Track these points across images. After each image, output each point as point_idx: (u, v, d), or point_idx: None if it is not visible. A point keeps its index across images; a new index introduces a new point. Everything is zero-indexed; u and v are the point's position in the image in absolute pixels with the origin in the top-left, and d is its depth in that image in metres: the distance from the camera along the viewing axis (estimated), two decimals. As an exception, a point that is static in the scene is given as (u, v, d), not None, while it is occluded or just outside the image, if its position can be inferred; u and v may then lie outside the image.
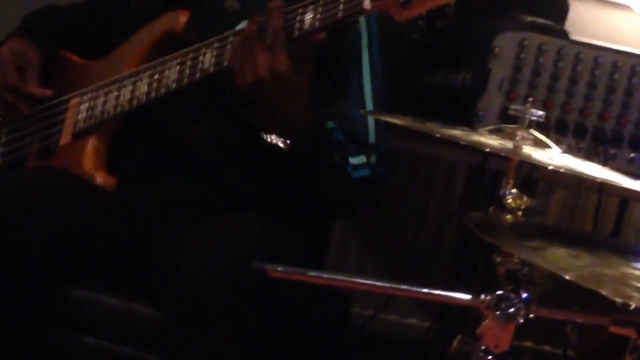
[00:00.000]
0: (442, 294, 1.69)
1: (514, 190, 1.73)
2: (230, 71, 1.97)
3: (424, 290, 1.69)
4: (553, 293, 1.70)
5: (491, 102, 2.46)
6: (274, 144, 1.96)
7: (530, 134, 1.78)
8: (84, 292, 2.04)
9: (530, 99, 1.83)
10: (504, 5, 2.59)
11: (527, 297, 1.63)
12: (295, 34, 1.91)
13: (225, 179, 2.11)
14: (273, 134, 1.96)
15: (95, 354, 2.03)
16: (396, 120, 1.82)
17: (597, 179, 1.77)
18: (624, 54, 2.51)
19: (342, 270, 3.23)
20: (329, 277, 1.79)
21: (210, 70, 2.02)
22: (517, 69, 2.46)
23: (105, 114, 2.18)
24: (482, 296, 1.64)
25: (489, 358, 1.65)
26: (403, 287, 1.72)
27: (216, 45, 2.01)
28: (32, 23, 2.37)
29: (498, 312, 1.62)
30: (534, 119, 1.77)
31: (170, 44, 2.14)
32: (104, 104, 2.18)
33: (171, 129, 2.16)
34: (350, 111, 2.09)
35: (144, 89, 2.12)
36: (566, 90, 2.48)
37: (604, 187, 2.72)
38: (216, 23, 2.03)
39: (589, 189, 3.00)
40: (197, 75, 2.04)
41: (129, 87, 2.15)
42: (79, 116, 2.22)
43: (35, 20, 2.38)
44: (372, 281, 1.76)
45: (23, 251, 1.96)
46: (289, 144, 1.95)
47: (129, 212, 2.12)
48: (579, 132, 2.49)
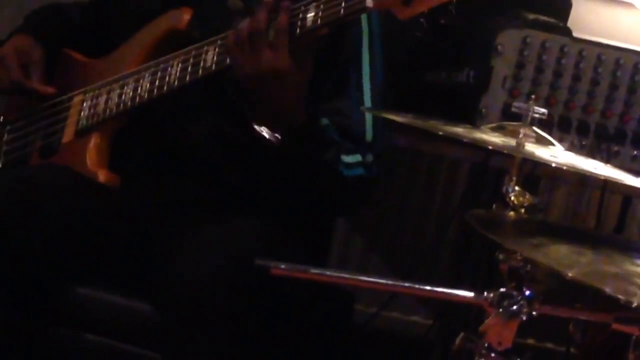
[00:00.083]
0: (444, 292, 1.69)
1: (516, 188, 1.73)
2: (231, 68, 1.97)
3: (427, 288, 1.69)
4: (556, 290, 1.69)
5: (494, 99, 2.46)
6: (263, 136, 1.96)
7: (533, 132, 1.78)
8: (86, 289, 2.04)
9: (533, 97, 1.83)
10: (506, 2, 2.59)
11: (530, 294, 1.63)
12: (297, 31, 1.91)
13: (227, 179, 2.11)
14: (264, 127, 1.97)
15: (96, 352, 2.04)
16: (399, 118, 1.82)
17: (600, 176, 1.77)
18: (627, 51, 2.51)
19: (344, 268, 3.23)
20: (332, 275, 1.79)
21: (213, 69, 2.02)
22: (520, 66, 2.45)
23: (107, 112, 2.18)
24: (485, 293, 1.64)
25: (492, 355, 1.65)
26: (406, 284, 1.72)
27: (219, 44, 2.01)
28: (35, 21, 2.37)
29: (501, 310, 1.62)
30: (536, 116, 1.77)
31: (173, 42, 2.14)
32: (106, 102, 2.18)
33: (173, 128, 2.16)
34: (348, 109, 2.08)
35: (147, 87, 2.12)
36: (569, 88, 2.48)
37: (606, 185, 2.72)
38: (219, 21, 2.03)
39: (591, 187, 3.00)
40: (200, 74, 2.04)
41: (132, 85, 2.14)
42: (81, 114, 2.22)
43: (38, 18, 2.38)
44: (375, 279, 1.75)
45: (25, 249, 1.96)
46: (278, 138, 1.96)
47: (131, 211, 2.12)
48: (582, 130, 2.48)
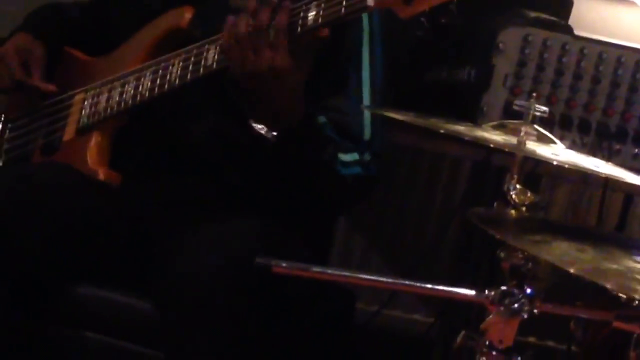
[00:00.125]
0: (446, 290, 1.69)
1: (518, 186, 1.73)
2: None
3: (428, 286, 1.69)
4: (557, 289, 1.69)
5: (495, 97, 2.46)
6: (260, 133, 1.96)
7: (535, 130, 1.78)
8: (86, 288, 2.04)
9: (534, 95, 1.83)
10: (507, 1, 2.59)
11: (531, 292, 1.63)
12: (298, 30, 1.91)
13: (227, 178, 2.11)
14: (262, 126, 1.97)
15: (97, 350, 2.04)
16: (400, 116, 1.82)
17: (602, 174, 1.77)
18: (628, 49, 2.51)
19: (346, 267, 3.23)
20: (333, 273, 1.79)
21: (214, 67, 2.02)
22: (521, 64, 2.46)
23: (108, 110, 2.18)
24: (486, 292, 1.64)
25: (493, 353, 1.65)
26: (407, 282, 1.72)
27: (220, 42, 2.01)
28: (35, 20, 2.37)
29: (502, 308, 1.62)
30: (538, 114, 1.77)
31: (174, 40, 2.14)
32: (107, 100, 2.18)
33: (174, 126, 2.16)
34: (347, 107, 2.08)
35: (148, 85, 2.12)
36: (570, 86, 2.48)
37: (608, 183, 2.72)
38: (221, 20, 2.03)
39: (593, 185, 3.00)
40: (201, 72, 2.04)
41: (133, 84, 2.14)
42: (82, 112, 2.22)
43: (38, 18, 2.38)
44: (376, 277, 1.75)
45: (25, 248, 1.96)
46: (275, 136, 1.96)
47: (131, 209, 2.12)
48: (583, 128, 2.49)
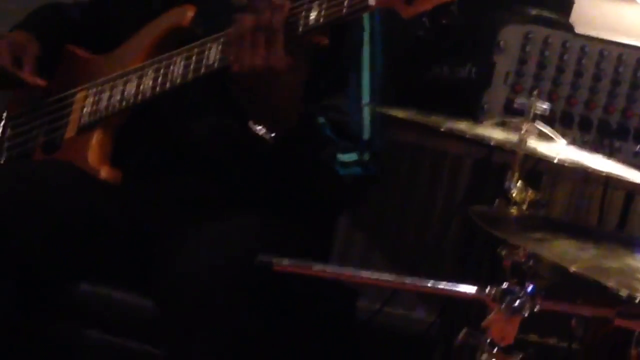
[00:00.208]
0: (447, 287, 1.69)
1: (519, 183, 1.73)
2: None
3: (430, 284, 1.70)
4: (558, 286, 1.70)
5: (496, 95, 2.46)
6: (259, 134, 1.96)
7: (536, 127, 1.78)
8: (88, 286, 2.05)
9: (535, 92, 1.83)
10: (508, -2, 2.59)
11: (532, 290, 1.63)
12: (300, 29, 1.91)
13: (229, 176, 2.11)
14: (260, 125, 1.97)
15: (98, 348, 2.04)
16: (401, 114, 1.82)
17: (603, 172, 1.77)
18: (629, 47, 2.51)
19: (347, 264, 3.23)
20: (334, 271, 1.79)
21: (215, 66, 2.02)
22: (522, 62, 2.46)
23: (110, 108, 2.18)
24: (488, 289, 1.64)
25: (495, 351, 1.65)
26: (409, 280, 1.72)
27: (222, 41, 2.01)
28: (34, 19, 2.37)
29: (503, 305, 1.62)
30: (539, 112, 1.77)
31: (176, 39, 2.14)
32: (109, 98, 2.18)
33: (175, 125, 2.16)
34: (346, 107, 2.08)
35: (149, 83, 2.12)
36: (571, 83, 2.48)
37: (609, 180, 2.72)
38: (222, 18, 2.03)
39: (594, 182, 3.00)
40: (202, 71, 2.04)
41: (135, 82, 2.14)
42: (84, 110, 2.22)
43: (38, 16, 2.38)
44: (377, 275, 1.76)
45: (27, 246, 1.96)
46: (273, 137, 1.96)
47: (132, 207, 2.12)
48: (584, 125, 2.49)
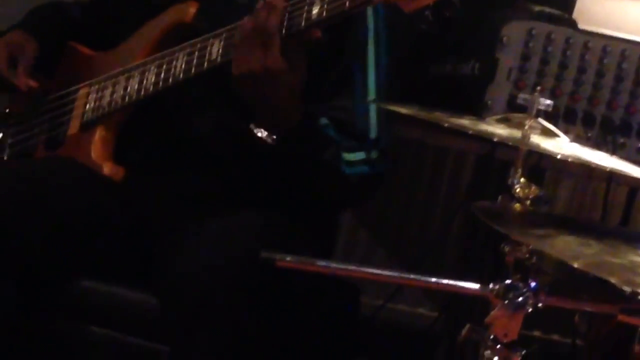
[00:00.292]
0: (450, 283, 1.69)
1: (522, 180, 1.73)
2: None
3: (433, 280, 1.69)
4: (561, 282, 1.69)
5: (499, 91, 2.45)
6: (260, 137, 1.97)
7: (539, 123, 1.78)
8: (90, 282, 2.05)
9: (538, 88, 1.83)
10: (511, -6, 2.59)
11: (535, 286, 1.63)
12: (302, 24, 1.91)
13: (231, 172, 2.11)
14: (262, 128, 1.97)
15: (101, 344, 2.04)
16: (404, 110, 1.82)
17: (606, 168, 1.77)
18: (633, 43, 2.50)
19: (350, 261, 3.23)
20: (337, 267, 1.79)
21: (218, 61, 2.02)
22: (525, 58, 2.45)
23: (113, 105, 2.18)
24: (491, 285, 1.64)
25: (498, 347, 1.65)
26: (412, 276, 1.72)
27: (224, 36, 2.01)
28: (33, 19, 2.37)
29: (507, 301, 1.62)
30: (542, 108, 1.77)
31: (179, 35, 2.14)
32: (112, 94, 2.18)
33: (178, 120, 2.16)
34: (352, 106, 2.08)
35: (152, 79, 2.12)
36: (574, 79, 2.47)
37: (612, 176, 2.72)
38: (225, 14, 2.03)
39: (597, 178, 3.00)
40: (205, 66, 2.04)
41: (137, 78, 2.14)
42: (87, 106, 2.22)
43: (37, 16, 2.37)
44: (380, 271, 1.76)
45: (29, 243, 1.97)
46: (275, 139, 1.96)
47: (135, 203, 2.12)
48: (588, 121, 2.48)
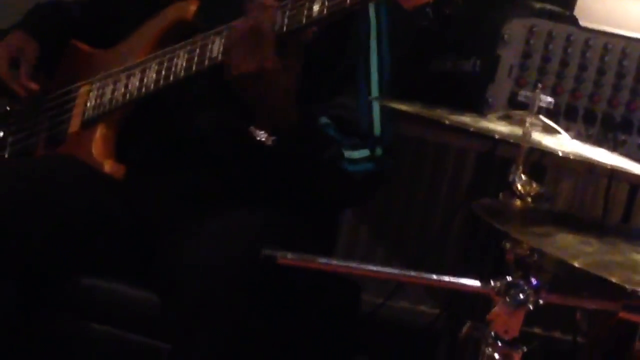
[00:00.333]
0: (451, 281, 1.69)
1: (523, 177, 1.73)
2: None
3: (434, 277, 1.69)
4: (562, 279, 1.69)
5: (500, 88, 2.45)
6: (260, 139, 1.97)
7: (540, 121, 1.77)
8: (92, 280, 2.05)
9: (539, 86, 1.82)
10: (512, -9, 2.59)
11: (536, 283, 1.63)
12: (303, 21, 1.91)
13: (232, 170, 2.11)
14: (261, 130, 1.97)
15: (103, 341, 2.04)
16: (405, 107, 1.82)
17: (607, 165, 1.76)
18: (634, 40, 2.50)
19: (351, 258, 3.23)
20: (339, 264, 1.79)
21: (219, 59, 2.01)
22: (527, 55, 2.45)
23: (114, 102, 2.18)
24: (492, 283, 1.64)
25: (499, 344, 1.65)
26: (413, 273, 1.72)
27: (225, 34, 2.01)
28: (33, 18, 2.36)
29: (508, 299, 1.62)
30: (543, 105, 1.77)
31: (179, 33, 2.14)
32: (113, 92, 2.18)
33: (179, 118, 2.16)
34: (355, 103, 2.08)
35: (153, 77, 2.12)
36: (575, 77, 2.47)
37: (613, 174, 2.72)
38: (225, 12, 2.03)
39: (598, 176, 3.00)
40: (206, 64, 2.03)
41: (138, 76, 2.15)
42: (88, 104, 2.23)
43: (37, 16, 2.37)
44: (381, 268, 1.76)
45: (30, 241, 1.97)
46: (274, 140, 1.96)
47: (136, 201, 2.12)
48: (589, 119, 2.48)
